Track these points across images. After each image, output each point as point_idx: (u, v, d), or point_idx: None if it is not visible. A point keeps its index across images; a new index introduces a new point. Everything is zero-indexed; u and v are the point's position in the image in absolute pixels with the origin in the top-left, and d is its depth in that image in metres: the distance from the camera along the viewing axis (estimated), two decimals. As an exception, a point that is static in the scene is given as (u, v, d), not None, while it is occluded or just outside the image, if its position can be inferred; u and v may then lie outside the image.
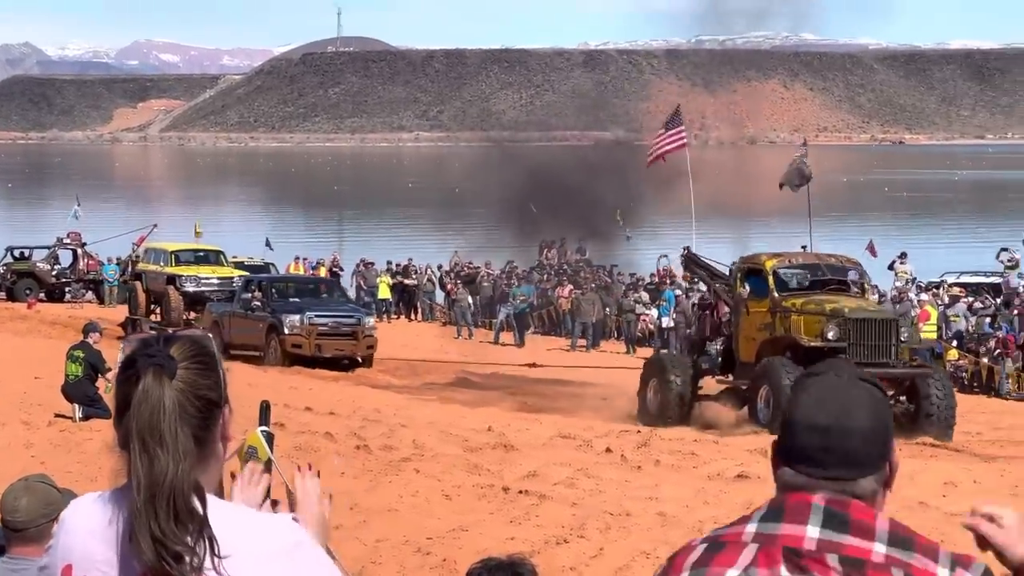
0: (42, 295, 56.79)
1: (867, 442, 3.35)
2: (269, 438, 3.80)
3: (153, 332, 3.60)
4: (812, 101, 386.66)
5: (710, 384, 32.53)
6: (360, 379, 36.47)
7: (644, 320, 49.32)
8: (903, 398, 29.63)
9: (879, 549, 3.24)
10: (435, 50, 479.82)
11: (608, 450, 22.93)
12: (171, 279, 47.34)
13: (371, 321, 41.61)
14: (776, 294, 30.43)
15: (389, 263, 61.31)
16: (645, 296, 50.44)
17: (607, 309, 50.30)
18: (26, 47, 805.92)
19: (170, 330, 3.89)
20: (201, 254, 50.77)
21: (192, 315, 46.43)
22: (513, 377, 38.90)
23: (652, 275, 52.84)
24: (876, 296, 40.42)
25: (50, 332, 42.31)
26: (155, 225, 65.23)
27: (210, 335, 3.66)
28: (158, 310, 47.85)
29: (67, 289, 59.38)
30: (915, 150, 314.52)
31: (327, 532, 3.69)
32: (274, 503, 3.67)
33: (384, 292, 55.02)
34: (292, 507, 3.66)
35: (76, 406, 23.96)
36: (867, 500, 3.35)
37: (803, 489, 3.35)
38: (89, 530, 3.42)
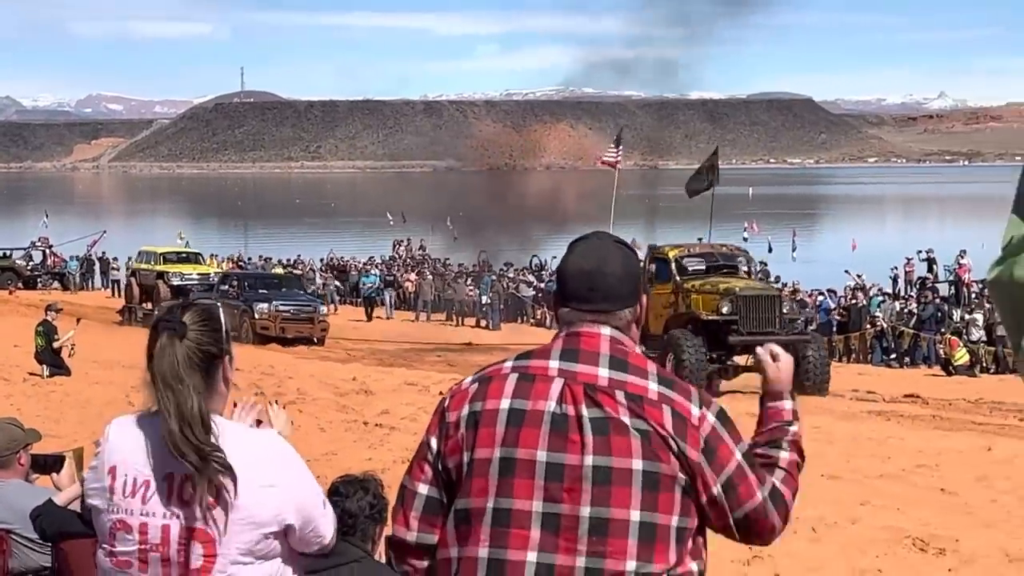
0: (20, 284, 55.76)
1: (621, 282, 3.41)
2: None
3: (177, 302, 3.62)
4: (591, 137, 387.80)
5: None
6: (259, 345, 35.96)
7: (469, 297, 49.22)
8: None
9: (652, 387, 3.29)
10: (314, 100, 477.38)
11: (440, 393, 22.87)
12: (160, 275, 45.68)
13: (324, 309, 40.13)
14: (678, 278, 27.59)
15: (281, 259, 61.02)
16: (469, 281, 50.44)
17: (449, 290, 49.77)
18: (7, 99, 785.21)
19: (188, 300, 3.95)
20: (184, 255, 49.17)
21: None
22: (369, 343, 38.74)
23: (474, 265, 52.87)
24: (769, 278, 38.07)
25: (26, 312, 41.31)
26: (104, 231, 64.28)
27: (217, 304, 3.68)
28: (149, 301, 46.21)
29: (39, 280, 58.42)
30: (665, 173, 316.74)
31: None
32: (258, 423, 3.81)
33: (278, 280, 54.46)
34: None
35: (44, 367, 23.76)
36: (624, 329, 3.42)
37: (579, 323, 3.39)
38: (128, 442, 3.44)
